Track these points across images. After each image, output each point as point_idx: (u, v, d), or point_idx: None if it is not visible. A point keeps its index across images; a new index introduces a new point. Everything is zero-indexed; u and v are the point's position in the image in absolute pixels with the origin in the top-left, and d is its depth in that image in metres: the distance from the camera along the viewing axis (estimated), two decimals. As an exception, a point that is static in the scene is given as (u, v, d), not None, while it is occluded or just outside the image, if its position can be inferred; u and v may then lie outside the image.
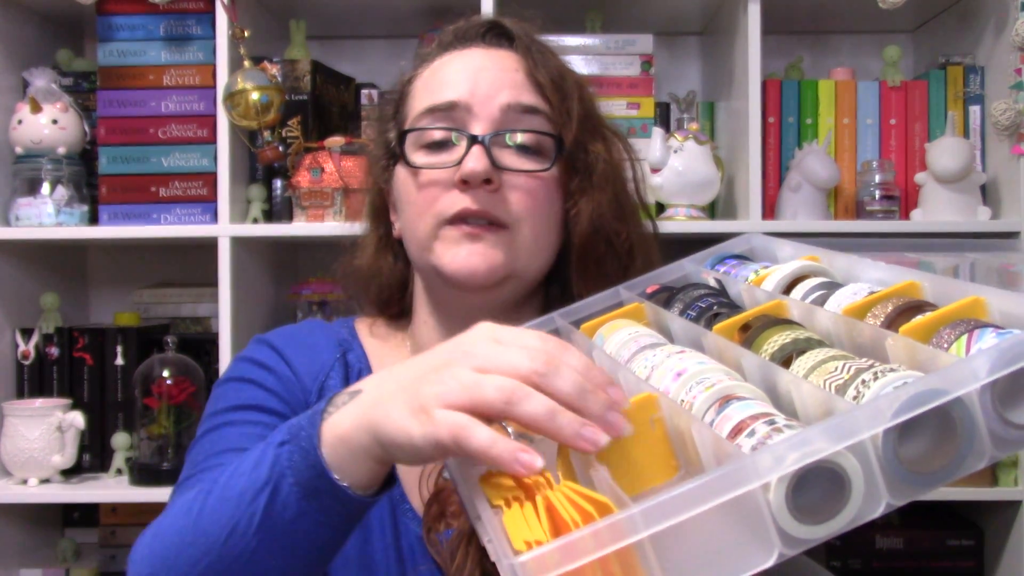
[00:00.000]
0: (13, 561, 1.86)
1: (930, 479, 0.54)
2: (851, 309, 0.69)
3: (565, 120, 0.96)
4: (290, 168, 1.77)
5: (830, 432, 0.52)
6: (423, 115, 0.96)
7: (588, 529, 0.52)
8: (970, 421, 0.53)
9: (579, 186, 0.97)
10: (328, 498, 0.68)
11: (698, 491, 0.52)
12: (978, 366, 0.53)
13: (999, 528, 1.76)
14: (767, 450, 0.52)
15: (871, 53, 2.06)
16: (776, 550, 0.53)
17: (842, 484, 0.53)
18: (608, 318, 0.87)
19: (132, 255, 2.10)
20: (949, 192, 1.74)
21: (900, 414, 0.52)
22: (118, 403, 1.83)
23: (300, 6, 1.91)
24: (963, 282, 0.65)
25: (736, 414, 0.59)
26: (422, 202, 0.95)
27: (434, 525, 0.89)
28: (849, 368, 0.60)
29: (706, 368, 0.67)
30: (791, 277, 0.80)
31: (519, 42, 0.99)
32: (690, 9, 1.97)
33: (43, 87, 1.80)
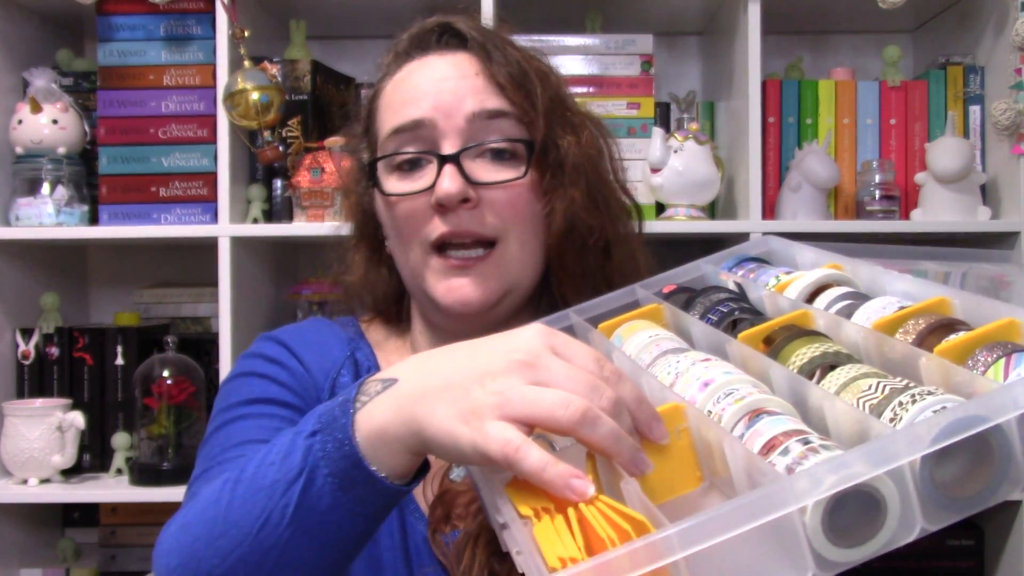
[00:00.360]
0: (13, 561, 1.86)
1: (965, 505, 0.54)
2: (881, 324, 0.67)
3: (532, 118, 0.94)
4: (290, 168, 1.77)
5: (869, 456, 0.51)
6: (390, 137, 0.95)
7: (624, 549, 0.51)
8: (1007, 448, 0.53)
9: (551, 184, 0.95)
10: (364, 488, 0.67)
11: (736, 513, 0.51)
12: (1019, 394, 0.52)
13: (999, 528, 1.76)
14: (805, 473, 0.52)
15: (871, 53, 2.06)
16: (810, 572, 0.52)
17: (878, 508, 0.52)
18: (626, 318, 0.86)
19: (132, 255, 2.10)
20: (949, 192, 1.74)
21: (939, 440, 0.51)
22: (118, 403, 1.83)
23: (300, 6, 1.91)
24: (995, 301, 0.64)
25: (767, 429, 0.58)
26: (405, 230, 0.95)
27: (439, 527, 0.89)
28: (884, 388, 0.59)
29: (734, 379, 0.66)
30: (815, 286, 0.79)
31: (472, 42, 0.97)
32: (690, 9, 1.97)
33: (43, 87, 1.80)
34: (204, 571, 0.71)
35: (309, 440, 0.69)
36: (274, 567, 0.70)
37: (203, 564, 0.71)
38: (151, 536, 1.88)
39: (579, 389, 0.61)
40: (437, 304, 0.94)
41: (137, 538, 1.90)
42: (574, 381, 0.61)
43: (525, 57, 0.99)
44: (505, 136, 0.94)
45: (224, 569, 0.71)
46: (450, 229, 0.92)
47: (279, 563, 0.70)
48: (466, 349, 0.68)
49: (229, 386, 0.97)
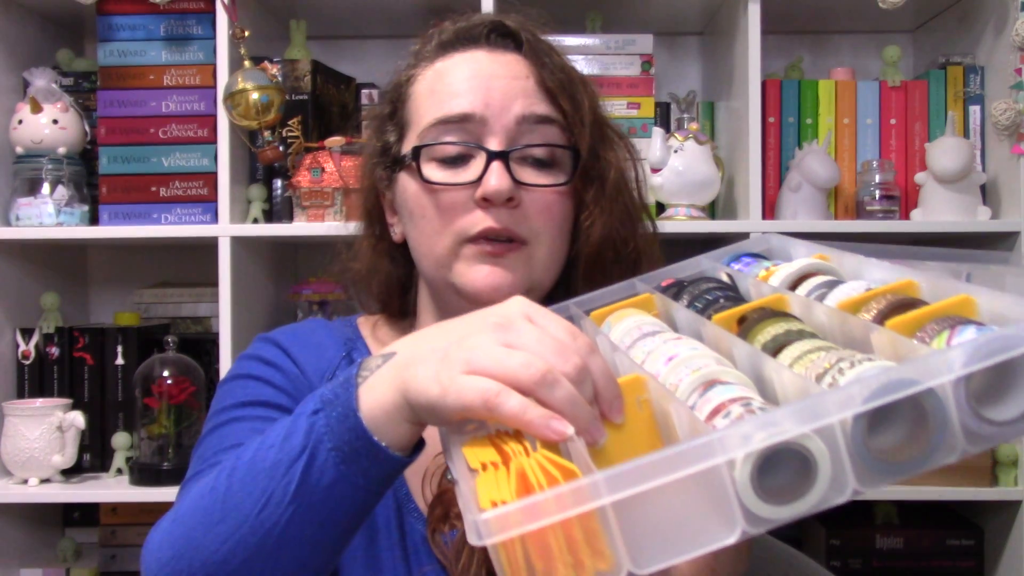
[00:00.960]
0: (13, 561, 1.86)
1: (898, 468, 0.54)
2: (846, 304, 0.69)
3: (579, 129, 0.95)
4: (290, 168, 1.77)
5: (798, 414, 0.53)
6: (434, 126, 0.94)
7: (551, 492, 0.53)
8: (942, 413, 0.54)
9: (594, 197, 0.96)
10: (367, 460, 0.68)
11: (663, 462, 0.52)
12: (953, 358, 0.53)
13: (999, 528, 1.76)
14: (734, 427, 0.53)
15: (871, 53, 2.06)
16: (739, 528, 0.53)
17: (808, 467, 0.53)
18: (618, 306, 0.88)
19: (132, 255, 2.10)
20: (949, 192, 1.74)
21: (870, 400, 0.52)
22: (118, 403, 1.83)
23: (300, 6, 1.91)
24: (959, 282, 0.65)
25: (717, 397, 0.60)
26: (440, 220, 0.94)
27: (438, 526, 0.89)
28: (831, 358, 0.61)
29: (697, 354, 0.68)
30: (798, 274, 0.81)
31: (526, 45, 0.97)
32: (690, 9, 1.97)
33: (43, 87, 1.80)
34: (201, 559, 0.72)
35: (311, 418, 0.70)
36: (274, 547, 0.70)
37: (200, 552, 0.72)
38: (151, 536, 1.89)
39: (546, 352, 0.63)
40: (465, 291, 0.93)
41: (137, 538, 1.90)
42: (542, 344, 0.63)
43: (570, 67, 1.00)
44: (551, 142, 0.94)
45: (223, 554, 0.71)
46: (492, 224, 0.92)
47: (279, 543, 0.70)
48: (455, 320, 0.70)
49: (225, 388, 0.97)
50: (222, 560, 0.71)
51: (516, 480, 0.57)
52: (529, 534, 0.53)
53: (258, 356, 0.99)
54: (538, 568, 0.54)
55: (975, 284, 0.65)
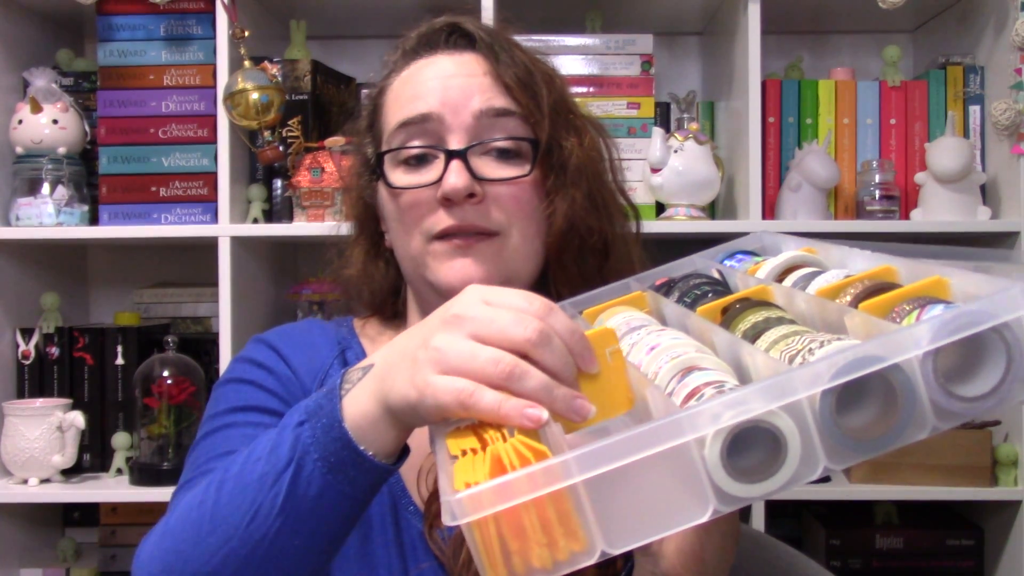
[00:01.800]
0: (13, 561, 1.86)
1: (870, 445, 0.55)
2: (824, 291, 0.70)
3: (537, 119, 0.96)
4: (290, 168, 1.77)
5: (766, 392, 0.53)
6: (397, 131, 0.96)
7: (523, 471, 0.54)
8: (910, 389, 0.54)
9: (554, 184, 0.97)
10: (353, 469, 0.69)
11: (632, 441, 0.53)
12: (919, 334, 0.53)
13: (999, 528, 1.76)
14: (703, 405, 0.54)
15: (871, 53, 2.06)
16: (711, 506, 0.54)
17: (778, 445, 0.54)
18: (609, 305, 0.89)
19: (132, 255, 2.10)
20: (949, 192, 1.74)
21: (837, 377, 0.53)
22: (118, 403, 1.83)
23: (300, 6, 1.91)
24: (935, 265, 0.65)
25: (693, 382, 0.61)
26: (408, 221, 0.96)
27: (435, 522, 0.89)
28: (804, 340, 0.61)
29: (677, 343, 0.69)
30: (785, 266, 0.82)
31: (480, 43, 0.98)
32: (690, 9, 1.97)
33: (43, 87, 1.80)
34: (190, 572, 0.72)
35: (297, 430, 0.71)
36: (263, 558, 0.71)
37: (189, 565, 0.72)
38: (151, 536, 1.89)
39: (506, 326, 0.64)
40: (439, 287, 0.94)
41: (137, 538, 1.87)
42: (501, 320, 0.64)
43: (531, 60, 1.00)
44: (510, 135, 0.95)
45: (213, 566, 0.71)
46: (455, 223, 0.93)
47: (268, 553, 0.71)
48: (421, 323, 0.71)
49: (219, 392, 0.98)
50: (211, 572, 0.71)
51: (491, 463, 0.57)
52: (503, 515, 0.54)
53: (251, 359, 1.00)
54: (513, 549, 0.55)
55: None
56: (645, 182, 1.76)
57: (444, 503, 0.55)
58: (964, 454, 1.70)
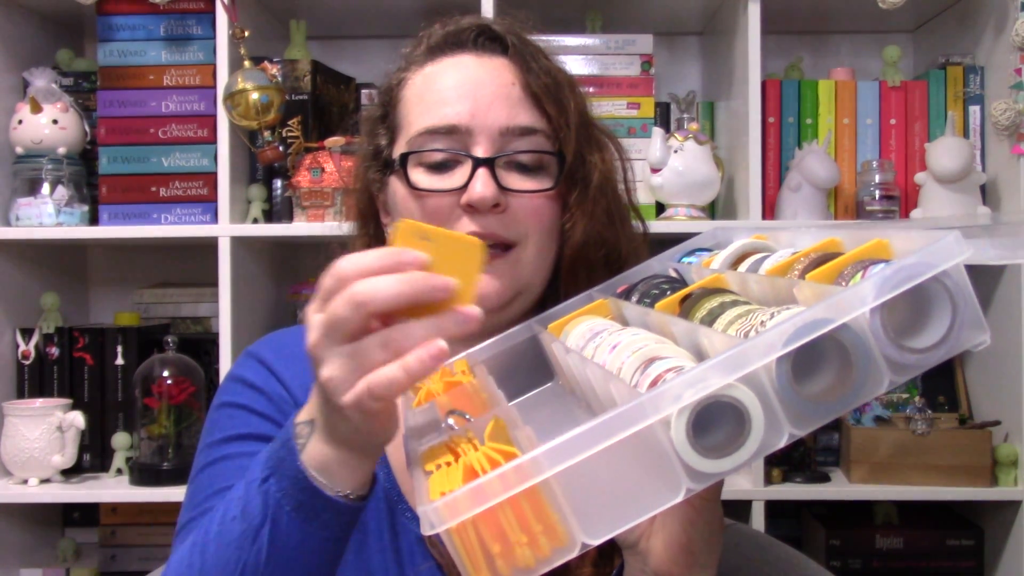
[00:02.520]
0: (13, 561, 1.86)
1: (831, 407, 0.56)
2: (774, 269, 0.71)
3: (564, 133, 0.96)
4: (290, 168, 1.77)
5: (722, 366, 0.54)
6: (422, 135, 0.96)
7: (495, 473, 0.54)
8: (862, 347, 0.55)
9: (577, 199, 0.97)
10: (327, 513, 0.72)
11: (598, 429, 0.54)
12: (864, 291, 0.55)
13: (999, 528, 1.76)
14: (663, 387, 0.55)
15: (871, 53, 2.06)
16: (684, 486, 0.55)
17: (742, 417, 0.55)
18: (572, 317, 0.90)
19: (132, 255, 2.10)
20: (949, 192, 1.74)
21: (790, 343, 0.54)
22: (118, 403, 1.83)
23: (300, 6, 1.91)
24: (876, 229, 0.67)
25: (655, 371, 0.62)
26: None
27: None
28: (756, 316, 0.62)
29: (637, 338, 0.70)
30: (736, 255, 0.82)
31: (512, 49, 0.98)
32: (690, 9, 1.97)
33: (43, 87, 1.80)
34: None
35: (264, 486, 0.73)
36: None
37: None
38: (151, 536, 1.89)
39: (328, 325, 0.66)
40: None
41: (137, 538, 1.90)
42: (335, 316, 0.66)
43: (557, 69, 1.00)
44: (536, 148, 0.95)
45: None
46: (477, 229, 0.93)
47: None
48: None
49: (213, 417, 0.99)
50: None
51: (463, 471, 0.58)
52: (481, 518, 0.54)
53: (242, 379, 1.00)
54: (495, 552, 0.55)
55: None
56: (645, 182, 1.76)
57: (421, 514, 0.55)
58: (964, 454, 1.70)
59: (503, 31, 0.99)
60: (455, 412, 0.74)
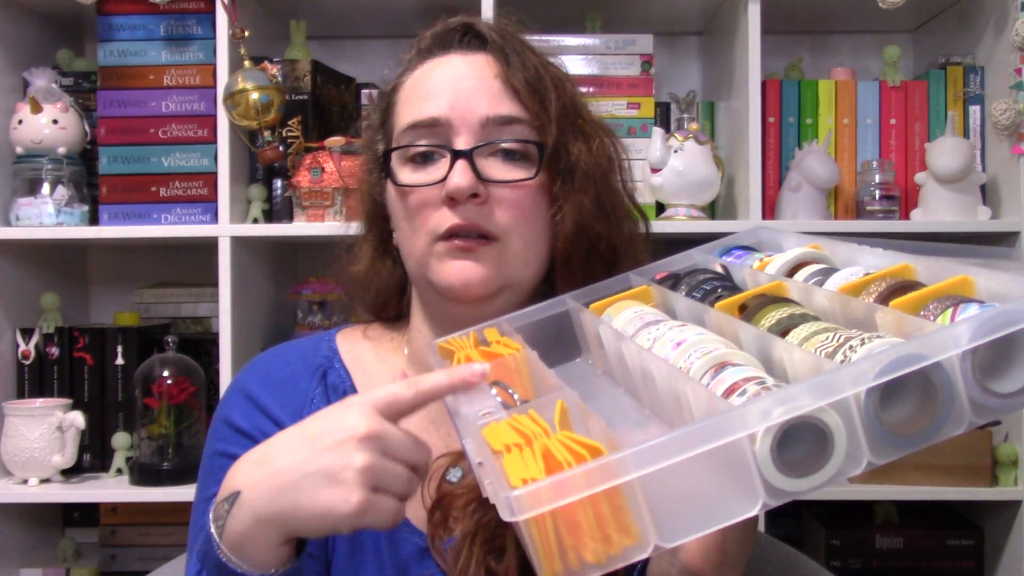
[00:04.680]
0: (13, 561, 1.86)
1: (911, 440, 0.56)
2: (846, 288, 0.71)
3: (545, 123, 0.96)
4: (290, 168, 1.77)
5: (815, 389, 0.55)
6: (406, 131, 0.97)
7: (580, 468, 0.54)
8: (950, 386, 0.56)
9: (562, 190, 0.97)
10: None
11: (688, 438, 0.54)
12: (959, 333, 0.55)
13: (999, 528, 1.76)
14: (755, 402, 0.55)
15: (871, 53, 2.06)
16: (760, 500, 0.55)
17: (825, 440, 0.55)
18: (616, 299, 0.89)
19: (132, 255, 2.10)
20: (949, 192, 1.74)
21: (882, 375, 0.54)
22: (118, 403, 1.83)
23: (300, 6, 1.91)
24: (953, 263, 0.67)
25: (730, 378, 0.62)
26: (414, 220, 0.96)
27: (437, 532, 0.89)
28: (839, 337, 0.62)
29: (705, 339, 0.70)
30: (794, 263, 0.82)
31: (492, 44, 0.98)
32: (690, 9, 1.97)
33: (43, 87, 1.80)
34: None
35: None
36: None
37: None
38: (151, 536, 1.89)
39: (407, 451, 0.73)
40: (441, 287, 0.94)
41: (137, 538, 1.90)
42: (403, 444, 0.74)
43: (542, 63, 1.00)
44: (517, 138, 0.95)
45: None
46: (458, 221, 0.93)
47: None
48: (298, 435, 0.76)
49: (208, 465, 1.00)
50: None
51: (544, 459, 0.58)
52: (559, 510, 0.54)
53: (232, 423, 1.00)
54: (568, 544, 0.55)
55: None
56: (645, 182, 1.76)
57: (502, 499, 0.55)
58: (964, 454, 1.70)
59: (485, 29, 1.00)
60: (498, 384, 0.74)
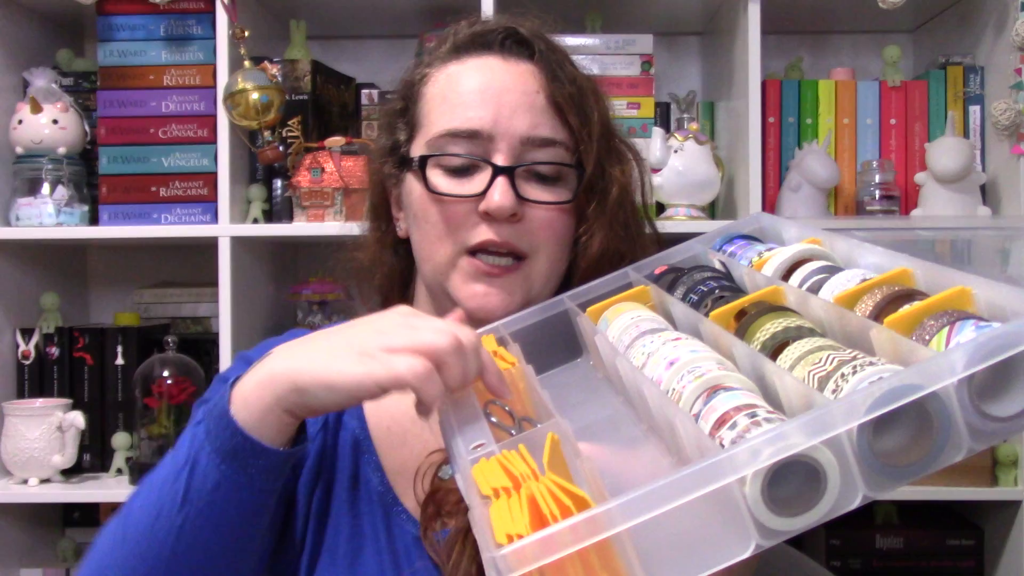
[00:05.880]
0: (13, 561, 1.86)
1: (906, 472, 0.55)
2: (842, 298, 0.69)
3: (586, 145, 0.95)
4: (290, 168, 1.77)
5: (805, 427, 0.53)
6: (442, 137, 0.95)
7: (567, 523, 0.53)
8: (946, 415, 0.54)
9: (595, 212, 0.97)
10: (245, 456, 0.73)
11: (675, 485, 0.53)
12: (954, 360, 0.53)
13: (999, 528, 1.76)
14: (743, 445, 0.53)
15: (871, 53, 2.06)
16: (753, 542, 0.54)
17: (818, 477, 0.54)
18: (613, 301, 0.88)
19: (132, 255, 2.10)
20: (949, 192, 1.74)
21: (874, 410, 0.53)
22: (118, 403, 1.83)
23: (300, 6, 1.91)
24: (952, 270, 0.65)
25: (721, 405, 0.61)
26: (442, 227, 0.95)
27: (430, 525, 0.89)
28: (833, 360, 0.60)
29: (698, 357, 0.69)
30: (791, 261, 0.81)
31: (539, 55, 0.97)
32: (690, 9, 1.97)
33: (43, 87, 1.80)
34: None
35: (195, 429, 0.75)
36: (170, 557, 0.74)
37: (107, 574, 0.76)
38: (151, 536, 1.89)
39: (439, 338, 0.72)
40: (461, 306, 0.94)
41: (137, 538, 1.90)
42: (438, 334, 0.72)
43: (582, 76, 1.00)
44: (555, 160, 0.95)
45: (126, 572, 0.75)
46: (492, 238, 0.93)
47: (174, 552, 0.74)
48: (339, 326, 0.77)
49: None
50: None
51: (529, 512, 0.57)
52: (547, 565, 0.53)
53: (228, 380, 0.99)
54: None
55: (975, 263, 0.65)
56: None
57: (487, 559, 0.55)
58: (964, 454, 1.69)
59: (531, 35, 0.98)
60: (494, 402, 0.74)
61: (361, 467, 0.95)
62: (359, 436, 0.97)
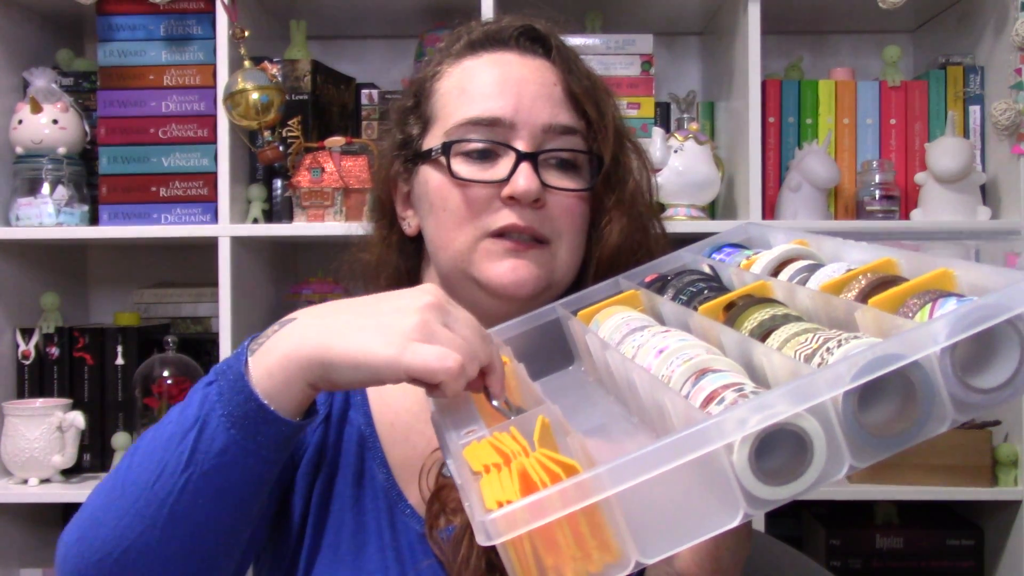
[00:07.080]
0: (13, 561, 1.86)
1: (893, 441, 0.55)
2: (828, 286, 0.70)
3: (602, 136, 0.97)
4: (290, 168, 1.77)
5: (791, 395, 0.54)
6: (463, 125, 0.95)
7: (555, 488, 0.54)
8: (929, 385, 0.55)
9: (614, 203, 0.98)
10: (257, 423, 0.71)
11: (663, 451, 0.53)
12: (936, 330, 0.54)
13: (999, 528, 1.76)
14: (730, 412, 0.54)
15: (871, 53, 2.06)
16: (741, 510, 0.54)
17: (804, 446, 0.54)
18: (603, 305, 0.89)
19: (132, 255, 2.10)
20: (949, 192, 1.74)
21: (858, 378, 0.53)
22: (118, 403, 1.83)
23: (300, 6, 1.91)
24: (935, 257, 0.66)
25: (709, 385, 0.62)
26: (464, 213, 0.95)
27: (435, 522, 0.89)
28: (819, 338, 0.61)
29: (686, 344, 0.70)
30: (779, 260, 0.82)
31: (555, 51, 0.99)
32: (690, 9, 1.97)
33: (43, 87, 1.80)
34: (101, 536, 0.74)
35: (206, 389, 0.73)
36: (168, 518, 0.72)
37: (101, 529, 0.74)
38: (151, 536, 1.89)
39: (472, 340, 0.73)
40: (490, 285, 0.94)
41: (137, 538, 1.90)
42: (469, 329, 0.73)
43: (593, 74, 1.01)
44: (576, 148, 0.96)
45: (121, 528, 0.73)
46: (516, 222, 0.93)
47: (172, 513, 0.72)
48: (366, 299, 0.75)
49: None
50: (120, 535, 0.73)
51: (519, 479, 0.57)
52: (537, 531, 0.54)
53: None
54: (548, 564, 0.55)
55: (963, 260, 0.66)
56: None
57: (477, 523, 0.55)
58: (964, 454, 1.70)
59: (547, 32, 1.00)
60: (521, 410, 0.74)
61: (366, 462, 0.95)
62: (365, 432, 0.97)
